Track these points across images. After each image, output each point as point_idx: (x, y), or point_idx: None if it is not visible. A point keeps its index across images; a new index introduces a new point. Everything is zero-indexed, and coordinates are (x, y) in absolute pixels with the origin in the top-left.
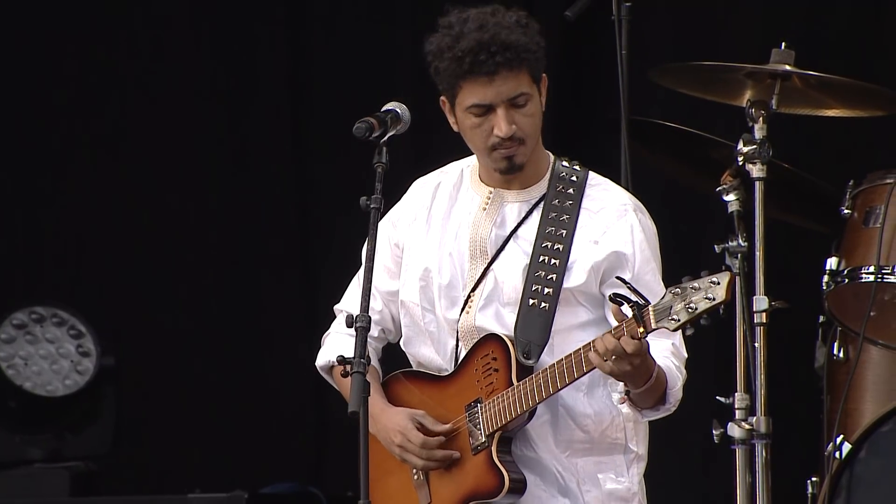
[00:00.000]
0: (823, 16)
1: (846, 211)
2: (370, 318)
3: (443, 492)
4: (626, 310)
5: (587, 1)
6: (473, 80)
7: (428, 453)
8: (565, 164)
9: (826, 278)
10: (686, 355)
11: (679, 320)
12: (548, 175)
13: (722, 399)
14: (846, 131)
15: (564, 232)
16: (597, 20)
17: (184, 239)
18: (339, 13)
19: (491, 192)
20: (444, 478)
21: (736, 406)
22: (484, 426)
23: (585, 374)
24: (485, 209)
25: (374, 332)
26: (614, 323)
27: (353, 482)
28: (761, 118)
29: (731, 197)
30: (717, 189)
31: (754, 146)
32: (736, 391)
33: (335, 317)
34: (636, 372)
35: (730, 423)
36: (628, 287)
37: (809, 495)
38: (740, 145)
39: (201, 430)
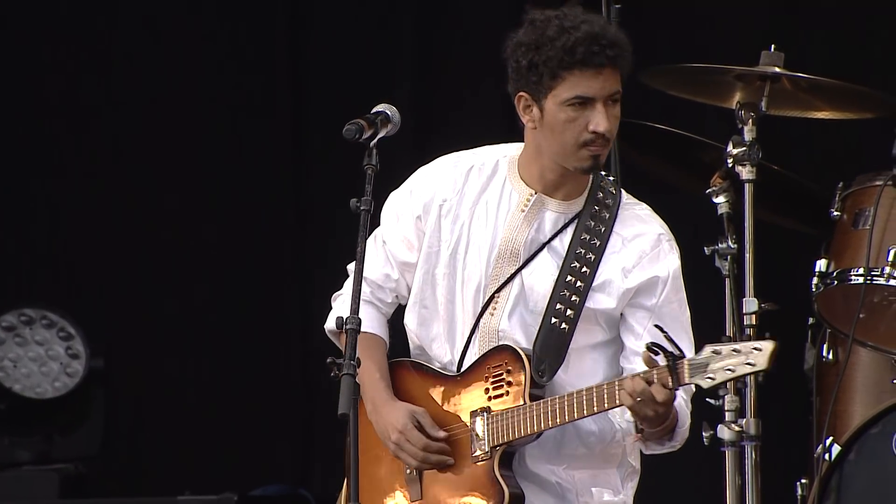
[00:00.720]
0: (813, 17)
1: (835, 213)
2: (360, 319)
3: (436, 493)
4: (661, 359)
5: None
6: (581, 72)
7: (424, 456)
8: (603, 182)
9: (815, 280)
10: (694, 389)
11: (715, 380)
12: (587, 191)
13: (711, 401)
14: (835, 133)
15: (593, 257)
16: None
17: (174, 241)
18: (340, 12)
19: (532, 195)
20: (439, 479)
21: (726, 408)
22: (489, 438)
23: (609, 409)
24: (523, 211)
25: (389, 297)
26: (629, 343)
27: (340, 484)
28: (751, 120)
29: (720, 199)
30: (707, 191)
31: (744, 148)
32: (725, 393)
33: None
34: (658, 418)
35: (719, 425)
36: (665, 336)
37: (799, 497)
38: (730, 147)
39: (191, 432)
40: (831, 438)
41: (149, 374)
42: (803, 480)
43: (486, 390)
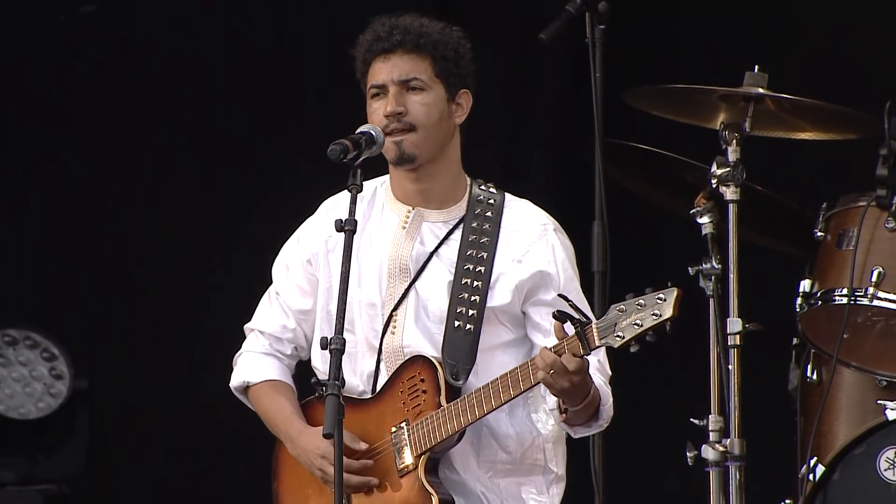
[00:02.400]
0: (797, 38)
1: (819, 233)
2: (345, 339)
3: None
4: (569, 327)
5: (561, 24)
6: (374, 61)
7: (346, 476)
8: (482, 186)
9: (799, 300)
10: (610, 373)
11: (624, 337)
12: (466, 197)
13: (696, 421)
14: (819, 154)
15: (485, 254)
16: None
17: (158, 262)
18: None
19: (410, 211)
20: (370, 499)
21: (710, 428)
22: (412, 448)
23: (523, 392)
24: (404, 227)
25: (288, 349)
26: (537, 341)
27: None
28: (735, 141)
29: (704, 219)
30: (691, 211)
31: (728, 169)
32: (710, 413)
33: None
34: (575, 390)
35: (704, 446)
36: (570, 305)
37: None
38: (714, 168)
39: (174, 452)
40: (815, 459)
41: (133, 395)
42: (787, 501)
43: (404, 403)
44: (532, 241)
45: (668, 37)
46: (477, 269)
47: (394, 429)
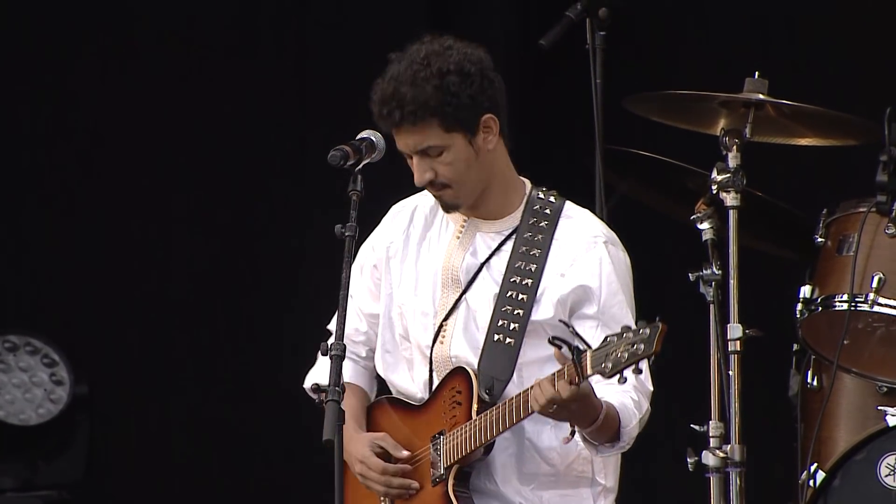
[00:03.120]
0: (797, 45)
1: (820, 239)
2: (345, 345)
3: None
4: (567, 352)
5: (562, 30)
6: (384, 128)
7: (386, 479)
8: (541, 195)
9: (800, 306)
10: (651, 388)
11: (612, 368)
12: (522, 206)
13: (696, 427)
14: (820, 160)
15: (534, 266)
16: (571, 49)
17: (159, 268)
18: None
19: (465, 221)
20: None
21: (710, 434)
22: (444, 458)
23: (524, 419)
24: (458, 237)
25: (362, 351)
26: None
27: None
28: (735, 147)
29: (705, 225)
30: (692, 217)
31: (728, 175)
32: (710, 419)
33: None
34: (576, 415)
35: (704, 452)
36: (570, 331)
37: None
38: (714, 174)
39: (175, 459)
40: (816, 465)
41: (133, 402)
42: None
43: (444, 413)
44: (579, 254)
45: (668, 43)
46: (524, 282)
47: (433, 438)
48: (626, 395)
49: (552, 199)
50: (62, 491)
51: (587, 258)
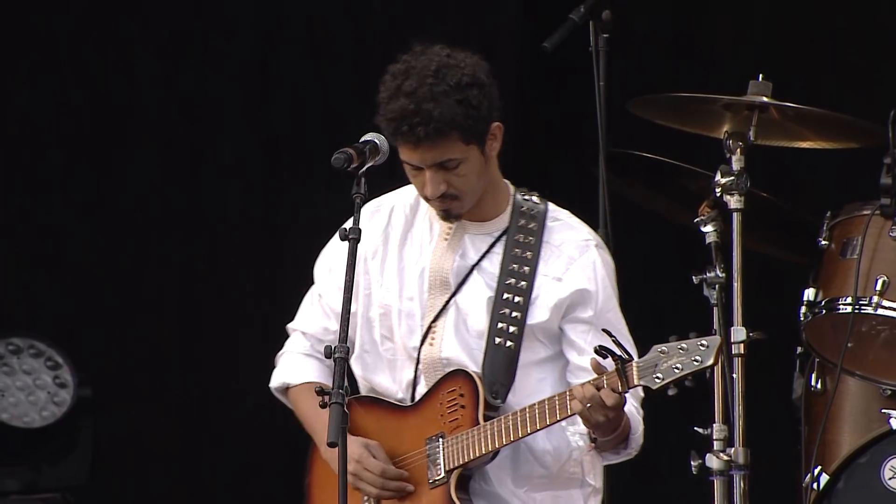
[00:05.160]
0: (801, 47)
1: (823, 242)
2: (348, 348)
3: None
4: (608, 363)
5: (565, 32)
6: (403, 144)
7: (383, 482)
8: (525, 196)
9: (804, 309)
10: (643, 394)
11: (663, 379)
12: (509, 208)
13: (700, 430)
14: (823, 163)
15: (527, 269)
16: (575, 51)
17: (162, 271)
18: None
19: (453, 222)
20: None
21: (714, 437)
22: (445, 461)
23: (561, 420)
24: (447, 239)
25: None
26: (572, 358)
27: None
28: (739, 149)
29: (708, 228)
30: (695, 220)
31: (732, 177)
32: (714, 422)
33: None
34: (610, 424)
35: (708, 455)
36: (613, 340)
37: None
38: (718, 176)
39: (178, 462)
40: (820, 468)
41: (137, 404)
42: None
43: (441, 416)
44: (573, 258)
45: (671, 45)
46: (518, 285)
47: (429, 440)
48: (630, 403)
49: (536, 200)
50: (66, 494)
51: (582, 262)
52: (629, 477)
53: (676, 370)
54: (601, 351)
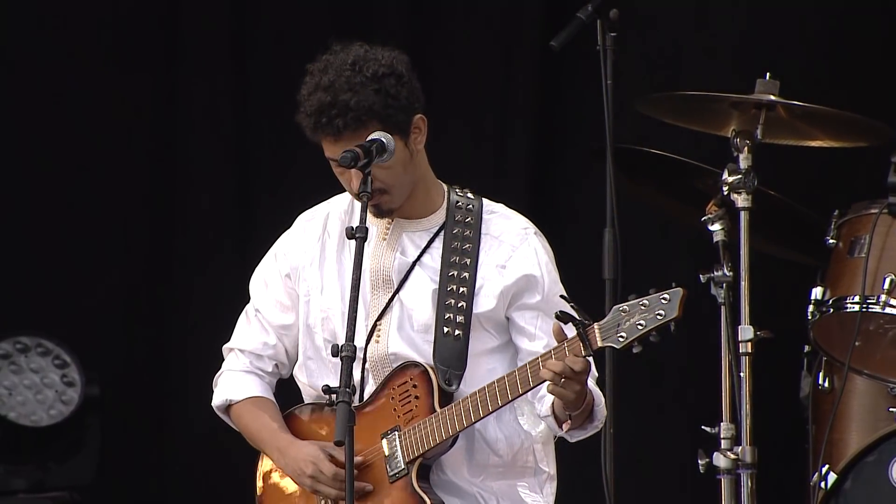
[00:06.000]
0: (808, 46)
1: (831, 241)
2: (355, 346)
3: None
4: (569, 329)
5: (573, 31)
6: (323, 139)
7: (340, 484)
8: (459, 193)
9: (811, 308)
10: (597, 374)
11: (627, 338)
12: (444, 205)
13: (707, 429)
14: (831, 162)
15: (468, 260)
16: (582, 50)
17: (168, 269)
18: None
19: (390, 222)
20: None
21: (721, 436)
22: (403, 453)
23: (519, 396)
24: (385, 239)
25: (269, 366)
26: (522, 345)
27: None
28: (746, 148)
29: (716, 227)
30: (703, 219)
31: (739, 176)
32: (721, 421)
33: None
34: (581, 392)
35: (715, 453)
36: (571, 306)
37: None
38: (725, 175)
39: (186, 460)
40: (827, 466)
41: (144, 403)
42: None
43: (395, 410)
44: (514, 246)
45: (679, 44)
46: (461, 276)
47: (384, 435)
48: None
49: (470, 195)
50: (73, 492)
51: (523, 249)
52: (637, 476)
53: (640, 327)
54: (561, 316)
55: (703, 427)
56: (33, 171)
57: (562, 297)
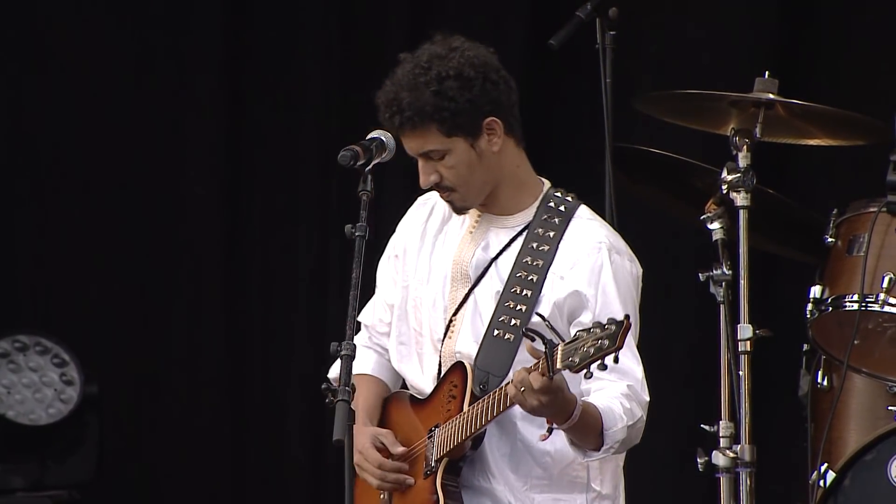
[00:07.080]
0: (807, 44)
1: (830, 239)
2: (355, 345)
3: None
4: (539, 345)
5: (572, 29)
6: (390, 131)
7: (382, 474)
8: (558, 194)
9: (810, 307)
10: (647, 399)
11: (578, 363)
12: (537, 203)
13: (706, 427)
14: (830, 160)
15: (541, 262)
16: (581, 48)
17: (168, 269)
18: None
19: (480, 216)
20: (403, 498)
21: (720, 434)
22: (435, 451)
23: (504, 411)
24: (472, 232)
25: (387, 343)
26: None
27: None
28: (745, 146)
29: (715, 225)
30: (702, 217)
31: (738, 174)
32: (720, 419)
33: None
34: (549, 408)
35: (714, 452)
36: (547, 325)
37: None
38: (724, 173)
39: (185, 459)
40: (826, 465)
41: (143, 401)
42: None
43: (441, 406)
44: (579, 259)
45: (678, 42)
46: (529, 278)
47: (429, 431)
48: (616, 401)
49: (569, 199)
50: (72, 491)
51: (586, 264)
52: (635, 474)
53: (590, 353)
54: (528, 334)
55: (701, 425)
56: (32, 171)
57: (537, 314)
